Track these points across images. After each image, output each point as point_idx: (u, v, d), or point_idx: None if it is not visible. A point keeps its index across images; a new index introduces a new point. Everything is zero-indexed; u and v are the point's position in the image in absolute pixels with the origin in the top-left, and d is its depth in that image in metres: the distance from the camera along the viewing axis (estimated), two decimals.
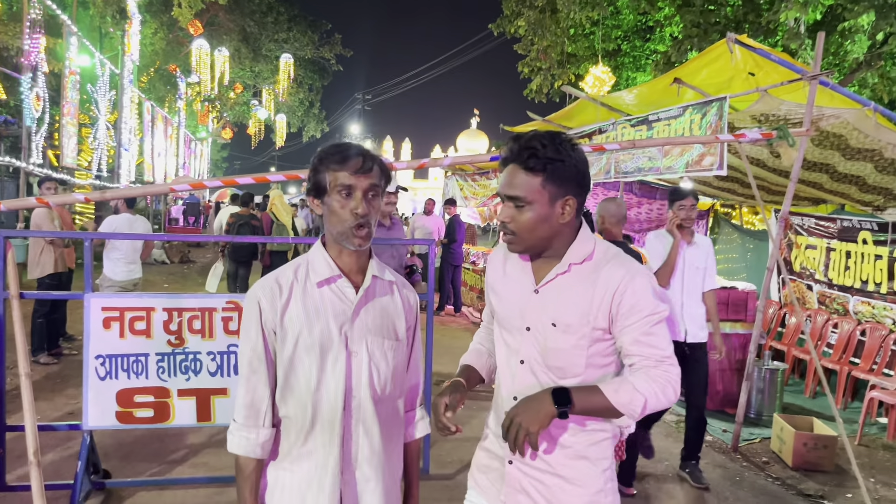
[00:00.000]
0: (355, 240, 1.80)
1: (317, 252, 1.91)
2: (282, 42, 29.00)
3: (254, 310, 1.82)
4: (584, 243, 1.92)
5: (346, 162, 1.78)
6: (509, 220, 1.86)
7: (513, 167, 1.84)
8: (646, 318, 1.83)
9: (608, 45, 14.83)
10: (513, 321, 1.99)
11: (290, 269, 1.90)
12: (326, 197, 1.81)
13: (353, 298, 1.86)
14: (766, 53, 5.52)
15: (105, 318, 3.82)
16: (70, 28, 13.23)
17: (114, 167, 17.61)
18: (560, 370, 1.91)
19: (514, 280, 2.02)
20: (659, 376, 1.81)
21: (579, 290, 1.87)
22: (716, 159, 6.12)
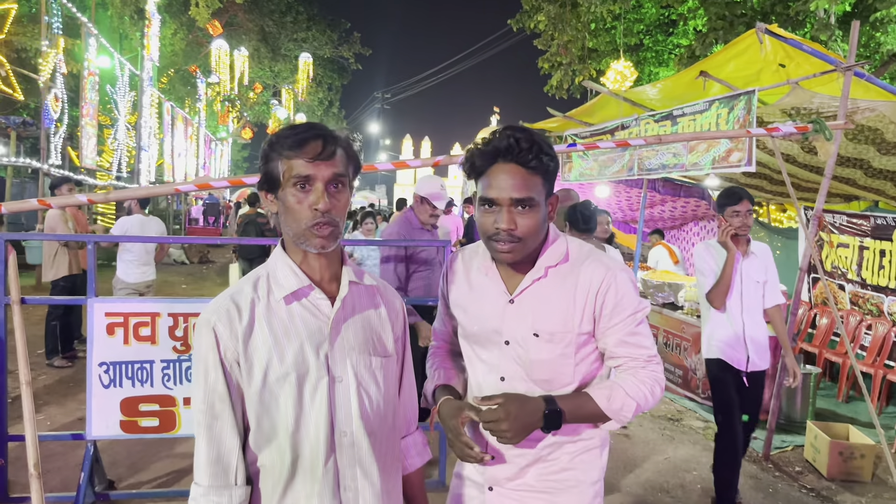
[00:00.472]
0: (316, 240, 1.49)
1: (278, 260, 1.59)
2: (301, 41, 29.02)
3: (207, 339, 1.48)
4: (557, 244, 1.81)
5: (301, 146, 1.47)
6: (514, 227, 1.67)
7: (513, 167, 1.67)
8: (630, 317, 1.76)
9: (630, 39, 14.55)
10: (487, 336, 1.84)
11: (248, 283, 1.57)
12: (280, 191, 1.51)
13: (330, 312, 1.55)
14: (798, 44, 5.26)
15: (109, 324, 3.69)
16: (89, 29, 13.24)
17: (134, 168, 17.65)
18: (547, 382, 1.80)
19: (483, 291, 1.86)
20: (647, 377, 1.76)
21: (559, 294, 1.77)
22: (744, 155, 5.88)
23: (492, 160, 1.69)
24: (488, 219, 1.71)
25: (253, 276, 1.59)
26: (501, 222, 1.68)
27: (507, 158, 1.67)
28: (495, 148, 1.68)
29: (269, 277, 1.57)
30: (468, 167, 1.75)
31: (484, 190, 1.71)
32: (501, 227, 1.68)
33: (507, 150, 1.66)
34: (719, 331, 4.24)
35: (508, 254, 1.71)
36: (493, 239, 1.71)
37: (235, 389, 1.50)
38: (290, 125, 1.54)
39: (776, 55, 5.59)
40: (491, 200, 1.69)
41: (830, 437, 5.17)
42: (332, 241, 1.52)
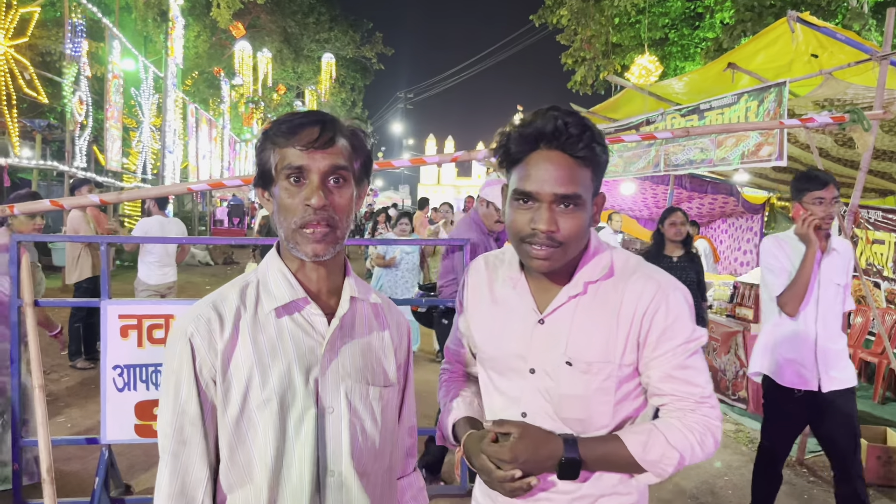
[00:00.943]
0: (308, 245, 1.28)
1: (272, 266, 1.38)
2: (323, 42, 29.12)
3: (182, 351, 1.28)
4: (600, 256, 1.51)
5: (294, 133, 1.27)
6: (555, 229, 1.37)
7: (559, 156, 1.37)
8: (681, 347, 1.44)
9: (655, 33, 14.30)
10: (509, 362, 1.55)
11: (234, 290, 1.35)
12: (273, 185, 1.31)
13: (325, 331, 1.34)
14: (832, 32, 5.07)
15: (122, 327, 3.63)
16: (113, 32, 13.34)
17: (159, 170, 17.78)
18: (580, 423, 1.49)
19: (508, 307, 1.57)
20: (697, 423, 1.45)
21: (600, 315, 1.47)
22: (774, 149, 5.68)
23: (532, 146, 1.39)
24: (523, 217, 1.41)
25: (240, 282, 1.38)
26: (540, 222, 1.37)
27: (551, 145, 1.37)
28: (538, 131, 1.37)
29: (260, 285, 1.37)
30: (501, 154, 1.45)
31: (520, 181, 1.40)
32: (540, 227, 1.37)
33: (552, 135, 1.36)
34: (783, 343, 3.56)
35: (545, 261, 1.41)
36: (528, 241, 1.41)
37: (209, 413, 1.29)
38: (288, 113, 1.36)
39: (808, 45, 5.40)
40: (528, 194, 1.39)
41: (868, 440, 4.98)
42: (327, 247, 1.29)
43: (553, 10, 14.21)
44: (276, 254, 1.40)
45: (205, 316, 1.30)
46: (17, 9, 10.75)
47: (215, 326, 1.29)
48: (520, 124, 1.42)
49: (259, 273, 1.40)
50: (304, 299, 1.35)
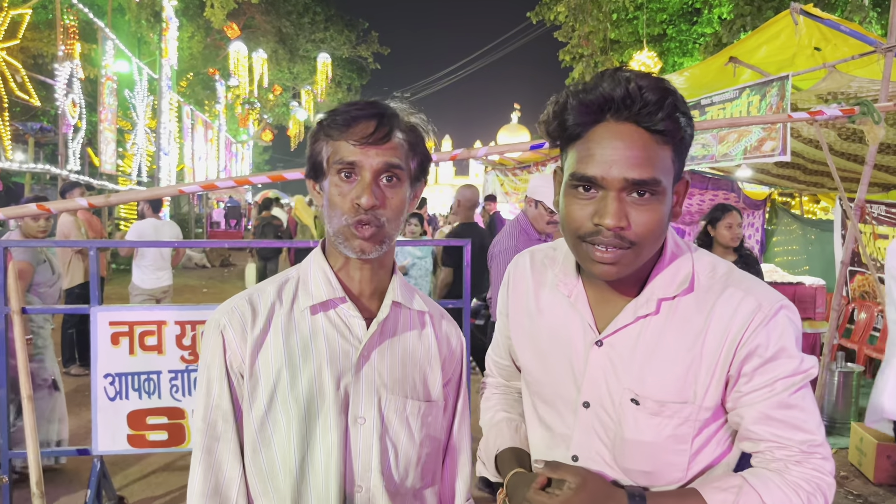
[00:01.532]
0: (355, 241, 1.20)
1: (313, 263, 1.31)
2: (319, 42, 28.98)
3: (214, 344, 1.24)
4: (678, 263, 1.20)
5: (348, 126, 1.19)
6: (626, 224, 1.08)
7: (632, 129, 1.08)
8: (784, 381, 1.13)
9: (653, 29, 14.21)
10: (558, 390, 1.27)
11: (273, 284, 1.31)
12: (324, 179, 1.25)
13: (363, 335, 1.26)
14: (836, 24, 4.98)
15: (113, 334, 3.52)
16: (106, 33, 13.22)
17: (154, 173, 17.66)
18: (646, 476, 1.20)
19: (556, 320, 1.28)
20: (804, 479, 1.13)
21: (678, 342, 1.16)
22: (778, 144, 5.58)
23: (596, 116, 1.09)
24: (583, 209, 1.11)
25: (281, 278, 1.33)
26: (606, 215, 1.07)
27: (621, 115, 1.08)
28: (604, 97, 1.07)
29: (300, 282, 1.31)
30: (555, 127, 1.14)
31: (579, 163, 1.10)
32: (606, 222, 1.07)
33: (622, 102, 1.06)
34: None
35: (611, 266, 1.11)
36: (588, 241, 1.11)
37: (241, 407, 1.25)
38: (347, 102, 1.27)
39: (811, 38, 5.31)
40: (590, 180, 1.09)
41: (877, 439, 4.89)
42: (375, 246, 1.22)
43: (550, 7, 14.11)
44: (320, 252, 1.33)
45: (239, 309, 1.26)
46: (8, 11, 10.63)
47: (248, 319, 1.25)
48: (581, 89, 1.12)
49: (300, 270, 1.34)
50: (342, 299, 1.28)
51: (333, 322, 1.27)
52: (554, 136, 1.16)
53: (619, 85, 1.07)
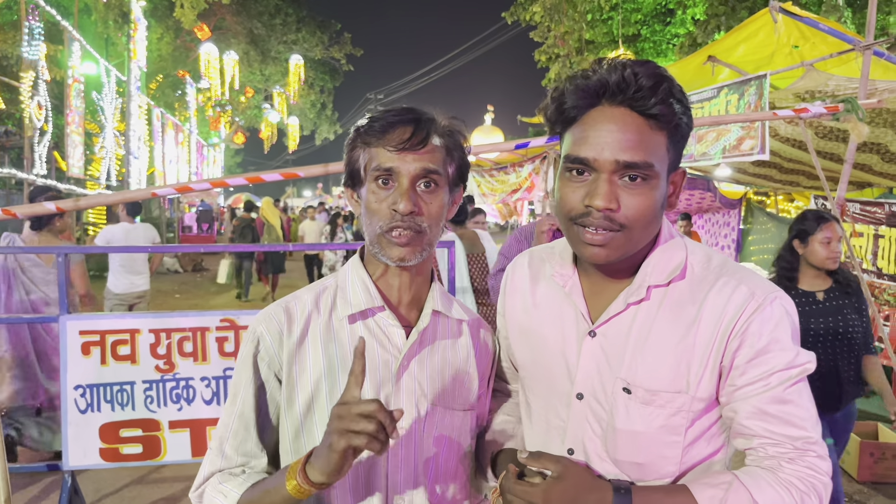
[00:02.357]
0: (393, 249, 1.19)
1: (351, 271, 1.30)
2: (291, 44, 28.69)
3: (247, 352, 1.25)
4: (670, 249, 1.20)
5: (385, 132, 1.18)
6: (616, 206, 1.08)
7: (625, 113, 1.09)
8: (779, 375, 1.11)
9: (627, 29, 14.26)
10: (552, 383, 1.26)
11: (310, 293, 1.30)
12: (361, 187, 1.24)
13: (402, 344, 1.24)
14: (814, 23, 4.99)
15: (84, 343, 3.37)
16: (72, 35, 12.90)
17: (124, 176, 17.30)
18: (637, 468, 1.18)
19: (552, 312, 1.28)
20: (797, 477, 1.09)
21: (670, 330, 1.15)
22: (756, 142, 5.58)
23: (592, 101, 1.11)
24: (575, 192, 1.12)
25: (318, 286, 1.33)
26: (596, 196, 1.08)
27: (615, 99, 1.09)
28: (599, 81, 1.09)
29: (337, 290, 1.30)
30: (553, 111, 1.16)
31: (573, 145, 1.12)
32: (596, 203, 1.08)
33: (618, 87, 1.08)
34: None
35: (600, 248, 1.11)
36: (579, 222, 1.12)
37: (272, 414, 1.26)
38: (385, 108, 1.25)
39: (790, 36, 5.32)
40: (583, 162, 1.10)
41: (859, 437, 4.90)
42: (414, 253, 1.20)
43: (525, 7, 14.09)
44: (358, 259, 1.33)
45: (275, 316, 1.26)
46: None
47: (284, 326, 1.24)
48: (578, 75, 1.14)
49: (338, 278, 1.33)
50: (381, 307, 1.26)
51: (372, 331, 1.26)
52: (552, 121, 1.18)
53: (615, 70, 1.09)
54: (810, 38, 5.29)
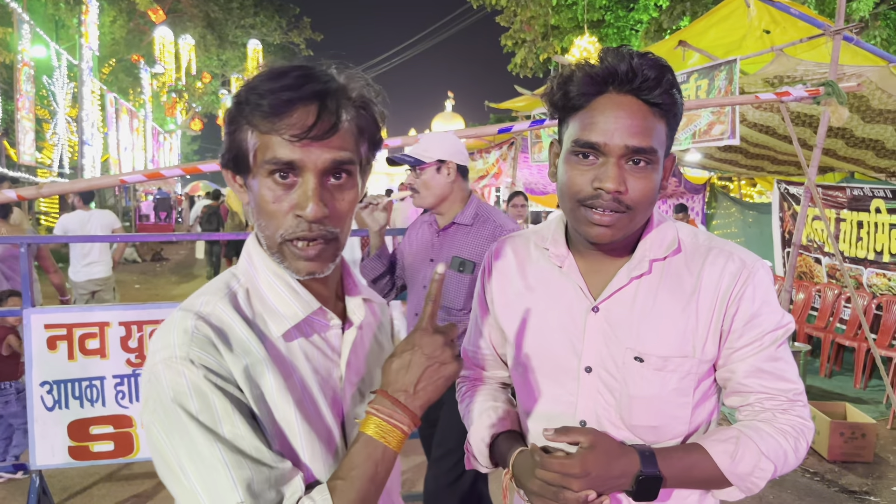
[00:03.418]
0: (297, 263, 0.99)
1: (264, 268, 1.04)
2: (248, 28, 28.13)
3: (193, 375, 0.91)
4: (663, 228, 1.27)
5: (280, 113, 0.93)
6: (624, 189, 1.14)
7: (632, 101, 1.14)
8: (770, 335, 1.22)
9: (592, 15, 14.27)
10: (557, 361, 1.29)
11: (223, 302, 1.00)
12: (250, 177, 1.00)
13: (339, 344, 1.08)
14: (785, 7, 5.01)
15: (50, 338, 3.22)
16: (21, 16, 12.41)
17: (77, 164, 16.78)
18: (653, 431, 1.25)
19: (550, 292, 1.31)
20: (790, 425, 1.23)
21: (673, 300, 1.23)
22: (727, 127, 5.61)
23: (600, 88, 1.15)
24: (583, 175, 1.16)
25: (223, 289, 1.03)
26: (607, 180, 1.13)
27: (623, 88, 1.14)
28: (608, 70, 1.13)
29: (252, 295, 1.04)
30: (559, 98, 1.19)
31: (582, 130, 1.15)
32: (606, 186, 1.13)
33: (626, 76, 1.13)
34: None
35: (608, 228, 1.16)
36: (588, 205, 1.16)
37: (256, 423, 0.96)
38: (272, 68, 0.97)
39: (761, 20, 5.34)
40: (592, 146, 1.14)
41: (829, 416, 4.99)
42: (325, 264, 1.01)
43: None
44: (266, 254, 1.04)
45: (201, 331, 0.95)
46: None
47: (220, 345, 0.95)
48: (586, 63, 1.17)
49: (244, 276, 1.06)
50: (320, 311, 1.05)
51: (309, 338, 1.05)
52: (557, 106, 1.21)
53: (623, 60, 1.13)
54: (781, 22, 5.32)
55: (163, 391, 0.91)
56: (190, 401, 0.90)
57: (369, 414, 0.98)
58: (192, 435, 0.89)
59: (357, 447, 0.97)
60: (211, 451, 0.88)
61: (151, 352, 0.96)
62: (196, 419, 0.89)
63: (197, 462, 0.88)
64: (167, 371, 0.91)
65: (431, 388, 0.99)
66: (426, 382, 0.99)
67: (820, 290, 8.08)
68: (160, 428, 0.91)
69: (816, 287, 8.18)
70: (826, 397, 6.28)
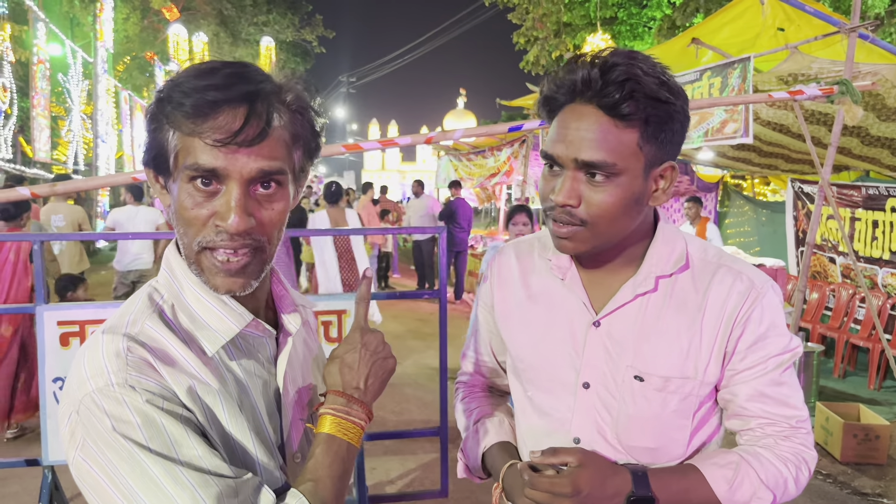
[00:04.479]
0: (216, 278, 0.91)
1: (186, 279, 0.96)
2: (261, 25, 28.22)
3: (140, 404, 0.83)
4: (670, 242, 1.22)
5: (205, 116, 0.85)
6: (577, 202, 1.10)
7: (590, 111, 1.08)
8: (775, 359, 1.19)
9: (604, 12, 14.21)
10: (555, 374, 1.26)
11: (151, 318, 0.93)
12: (171, 180, 0.92)
13: (271, 354, 1.05)
14: (800, 4, 4.96)
15: (63, 334, 3.24)
16: (37, 14, 12.51)
17: (92, 161, 16.90)
18: (650, 453, 1.22)
19: (551, 304, 1.28)
20: (791, 453, 1.20)
21: (677, 319, 1.19)
22: (740, 126, 5.58)
23: (568, 97, 1.12)
24: (547, 184, 1.16)
25: (148, 305, 0.95)
26: (557, 192, 1.11)
27: (584, 97, 1.09)
28: (569, 80, 1.10)
29: (177, 310, 0.96)
30: (541, 103, 1.18)
31: (547, 141, 1.16)
32: (556, 199, 1.11)
33: (585, 85, 1.08)
34: None
35: (566, 241, 1.14)
36: (550, 215, 1.16)
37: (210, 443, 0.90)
38: (202, 64, 0.90)
39: (776, 18, 5.30)
40: (550, 157, 1.13)
41: (842, 418, 4.95)
42: (248, 281, 0.93)
43: None
44: (186, 264, 0.96)
45: (136, 353, 0.87)
46: None
47: (158, 366, 0.88)
48: (563, 68, 1.14)
49: (166, 290, 0.98)
50: (254, 323, 0.99)
51: (243, 350, 0.99)
52: (542, 113, 1.20)
53: (583, 68, 1.08)
54: (795, 20, 5.28)
55: (99, 423, 0.82)
56: (137, 430, 0.82)
57: (325, 414, 0.99)
58: (145, 466, 0.81)
59: (321, 448, 0.96)
60: (172, 478, 0.81)
61: (78, 381, 0.86)
62: (147, 448, 0.82)
63: (157, 493, 0.81)
64: (105, 400, 0.83)
65: (378, 382, 1.03)
66: (374, 378, 1.02)
67: (834, 290, 8.01)
68: (97, 466, 0.82)
69: (830, 287, 8.11)
70: (839, 398, 6.23)
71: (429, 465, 4.51)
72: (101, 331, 0.92)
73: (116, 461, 0.81)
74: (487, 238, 12.55)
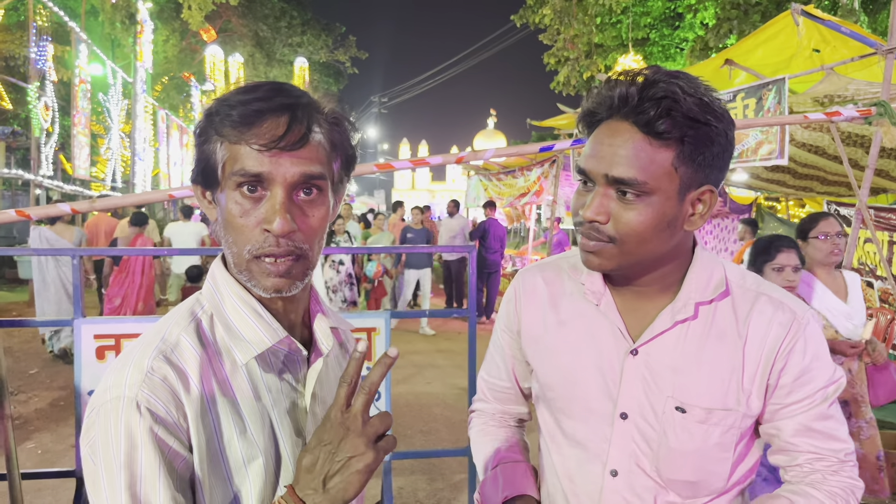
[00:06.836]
0: (265, 279, 0.95)
1: (228, 292, 1.00)
2: (296, 46, 28.68)
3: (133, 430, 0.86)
4: (708, 268, 1.18)
5: (250, 123, 0.91)
6: (605, 219, 1.08)
7: (625, 128, 1.07)
8: (820, 392, 1.15)
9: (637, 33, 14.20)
10: (589, 404, 1.21)
11: (186, 332, 0.96)
12: (219, 190, 0.97)
13: (301, 374, 1.04)
14: (836, 26, 4.92)
15: (98, 348, 3.30)
16: (79, 35, 12.87)
17: (129, 178, 17.26)
18: (690, 487, 1.18)
19: (584, 330, 1.23)
20: (840, 487, 1.16)
21: (719, 348, 1.15)
22: (775, 147, 5.52)
23: (606, 113, 1.11)
24: (579, 199, 1.14)
25: (186, 317, 0.99)
26: (586, 208, 1.10)
27: (620, 113, 1.07)
28: (608, 95, 1.09)
29: (216, 320, 0.99)
30: (581, 118, 1.17)
31: (582, 156, 1.14)
32: (584, 214, 1.10)
33: (621, 101, 1.07)
34: None
35: (592, 255, 1.12)
36: (579, 230, 1.14)
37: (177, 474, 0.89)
38: (246, 83, 0.97)
39: (811, 39, 5.25)
40: (583, 172, 1.12)
41: (886, 447, 4.80)
42: (293, 282, 0.97)
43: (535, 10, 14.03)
44: (228, 273, 1.01)
45: (158, 372, 0.90)
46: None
47: (177, 386, 0.90)
48: (604, 85, 1.13)
49: (209, 301, 1.01)
50: (287, 340, 1.00)
51: (272, 366, 1.00)
52: (581, 132, 1.19)
53: (623, 84, 1.07)
54: (831, 41, 5.23)
55: (102, 430, 0.88)
56: (119, 450, 0.86)
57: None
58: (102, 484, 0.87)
59: None
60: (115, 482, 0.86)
61: (104, 386, 0.91)
62: (119, 470, 0.86)
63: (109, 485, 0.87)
64: (112, 412, 0.88)
65: (343, 485, 0.87)
66: (338, 479, 0.87)
67: (872, 315, 7.83)
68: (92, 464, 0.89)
69: (868, 312, 7.93)
70: (879, 427, 6.06)
71: (456, 485, 4.48)
72: (139, 341, 0.97)
73: (101, 466, 0.87)
74: (517, 258, 12.49)
